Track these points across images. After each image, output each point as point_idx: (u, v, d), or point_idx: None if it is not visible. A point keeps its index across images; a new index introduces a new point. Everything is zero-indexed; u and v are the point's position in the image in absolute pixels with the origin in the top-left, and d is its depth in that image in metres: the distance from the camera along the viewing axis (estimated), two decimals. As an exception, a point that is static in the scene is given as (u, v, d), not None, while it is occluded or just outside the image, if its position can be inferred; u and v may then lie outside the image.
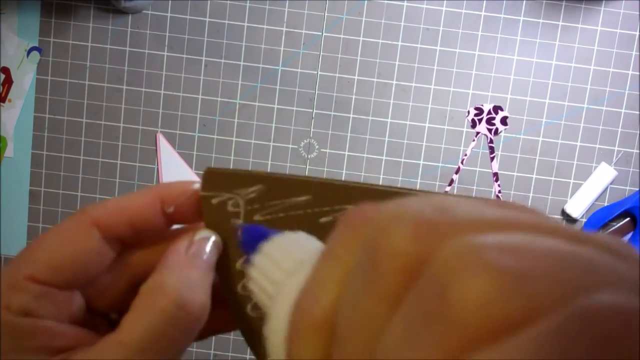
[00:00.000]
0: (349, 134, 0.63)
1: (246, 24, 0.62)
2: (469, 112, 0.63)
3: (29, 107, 0.64)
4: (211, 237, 0.21)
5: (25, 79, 0.63)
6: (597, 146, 0.63)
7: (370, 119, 0.63)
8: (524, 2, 0.62)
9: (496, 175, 0.63)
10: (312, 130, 0.63)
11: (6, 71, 0.63)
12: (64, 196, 0.65)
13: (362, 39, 0.62)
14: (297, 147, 0.63)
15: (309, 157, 0.63)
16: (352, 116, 0.63)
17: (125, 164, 0.64)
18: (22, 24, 0.63)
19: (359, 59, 0.62)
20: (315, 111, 0.63)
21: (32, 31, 0.63)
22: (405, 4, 0.62)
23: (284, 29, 0.62)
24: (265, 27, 0.62)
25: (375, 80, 0.62)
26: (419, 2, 0.62)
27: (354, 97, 0.63)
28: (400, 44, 0.62)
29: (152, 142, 0.64)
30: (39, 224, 0.65)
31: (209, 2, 0.62)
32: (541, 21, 0.62)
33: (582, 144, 0.63)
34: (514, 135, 0.63)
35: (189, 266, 0.20)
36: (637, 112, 0.62)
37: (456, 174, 0.63)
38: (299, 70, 0.63)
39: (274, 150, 0.63)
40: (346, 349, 0.11)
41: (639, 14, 0.61)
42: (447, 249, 0.10)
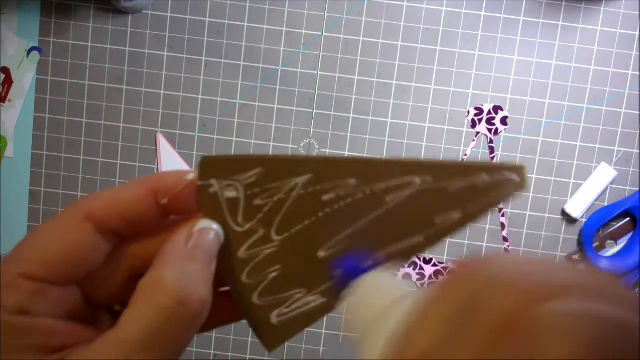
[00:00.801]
0: (349, 134, 0.63)
1: (246, 24, 0.62)
2: (469, 112, 0.63)
3: (29, 107, 0.64)
4: (212, 227, 0.21)
5: (25, 79, 0.63)
6: (597, 146, 0.63)
7: (370, 119, 0.63)
8: (524, 2, 0.62)
9: (496, 175, 0.63)
10: (312, 130, 0.63)
11: (6, 71, 0.63)
12: (64, 196, 0.65)
13: (362, 39, 0.62)
14: (297, 147, 0.63)
15: (309, 157, 0.63)
16: (352, 116, 0.63)
17: (125, 164, 0.64)
18: (22, 24, 0.63)
19: (359, 59, 0.62)
20: (315, 111, 0.63)
21: (32, 31, 0.63)
22: (405, 4, 0.62)
23: (284, 29, 0.62)
24: (265, 27, 0.62)
25: (375, 80, 0.62)
26: (419, 2, 0.62)
27: (354, 97, 0.63)
28: (400, 44, 0.62)
29: (152, 142, 0.64)
30: (39, 224, 0.65)
31: (209, 2, 0.62)
32: (541, 21, 0.62)
33: (582, 144, 0.63)
34: (514, 135, 0.63)
35: (188, 259, 0.19)
36: (637, 112, 0.62)
37: (456, 174, 0.63)
38: (299, 70, 0.63)
39: (274, 150, 0.63)
40: None
41: (639, 14, 0.61)
42: (534, 314, 0.12)
